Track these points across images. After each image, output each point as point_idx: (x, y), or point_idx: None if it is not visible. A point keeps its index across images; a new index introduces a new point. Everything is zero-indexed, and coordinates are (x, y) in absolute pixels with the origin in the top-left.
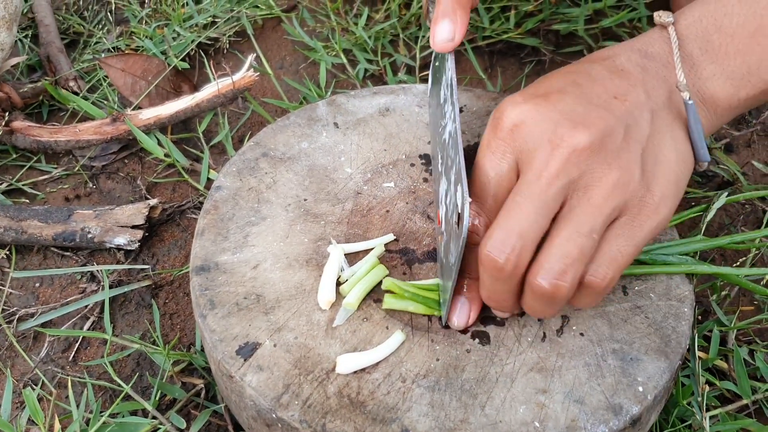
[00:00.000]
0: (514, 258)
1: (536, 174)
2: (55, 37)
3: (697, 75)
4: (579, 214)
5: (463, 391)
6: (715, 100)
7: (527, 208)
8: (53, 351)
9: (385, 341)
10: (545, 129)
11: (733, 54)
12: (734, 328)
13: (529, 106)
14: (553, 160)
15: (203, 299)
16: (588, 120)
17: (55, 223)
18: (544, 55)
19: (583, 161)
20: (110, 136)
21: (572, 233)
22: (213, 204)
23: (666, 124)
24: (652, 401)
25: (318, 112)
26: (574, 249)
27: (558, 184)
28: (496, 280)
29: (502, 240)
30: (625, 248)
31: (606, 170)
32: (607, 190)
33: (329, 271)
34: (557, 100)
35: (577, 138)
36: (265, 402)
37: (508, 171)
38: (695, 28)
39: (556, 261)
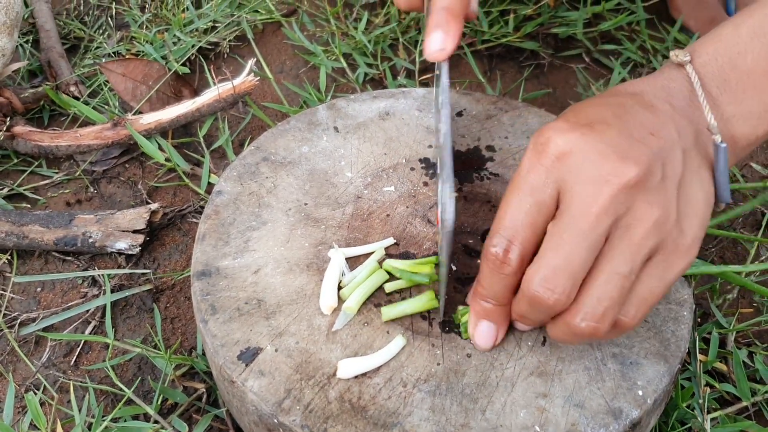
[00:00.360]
0: (564, 299)
1: (584, 209)
2: (56, 42)
3: (719, 115)
4: (620, 253)
5: (464, 396)
6: (735, 140)
7: (578, 246)
8: (55, 355)
9: (386, 346)
10: (594, 161)
11: (750, 93)
12: (733, 331)
13: (576, 135)
14: (602, 195)
15: (204, 304)
16: (633, 155)
17: (57, 228)
18: (543, 58)
19: (630, 198)
20: (111, 140)
21: (613, 275)
22: (214, 209)
23: (695, 164)
24: (651, 405)
25: (318, 117)
26: (615, 291)
27: (606, 221)
28: (539, 313)
29: (552, 280)
30: (656, 288)
31: (647, 208)
32: (647, 229)
33: (330, 276)
34: (602, 131)
35: (626, 173)
36: (266, 407)
37: (549, 200)
38: (711, 67)
39: (597, 303)
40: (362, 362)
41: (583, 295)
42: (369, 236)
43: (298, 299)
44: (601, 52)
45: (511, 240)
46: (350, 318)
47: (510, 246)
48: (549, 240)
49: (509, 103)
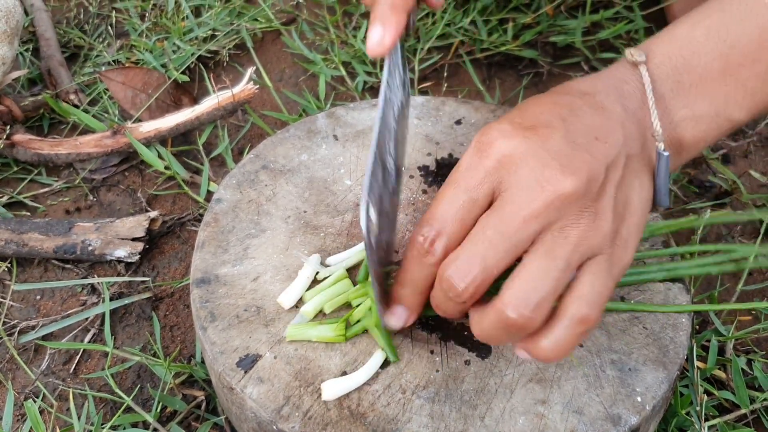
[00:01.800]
0: (472, 289)
1: (514, 211)
2: (56, 51)
3: (669, 119)
4: (555, 248)
5: (463, 402)
6: (682, 144)
7: (497, 244)
8: (54, 363)
9: (367, 363)
10: (534, 167)
11: (702, 96)
12: (732, 338)
13: (519, 140)
14: (536, 202)
15: (204, 311)
16: (574, 164)
17: (56, 236)
18: (542, 66)
19: (563, 207)
20: (111, 148)
21: (548, 267)
22: (213, 216)
23: (637, 169)
24: (650, 411)
25: (317, 125)
26: (550, 283)
27: (534, 226)
28: (449, 300)
29: (465, 269)
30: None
31: (583, 214)
32: (583, 232)
33: (300, 279)
34: (546, 136)
35: (564, 184)
36: (265, 414)
37: (483, 198)
38: (666, 67)
39: (531, 293)
40: (345, 382)
41: (516, 285)
42: None
43: (297, 306)
44: (600, 61)
45: (438, 231)
46: (307, 321)
47: (437, 236)
48: (472, 232)
49: (508, 111)
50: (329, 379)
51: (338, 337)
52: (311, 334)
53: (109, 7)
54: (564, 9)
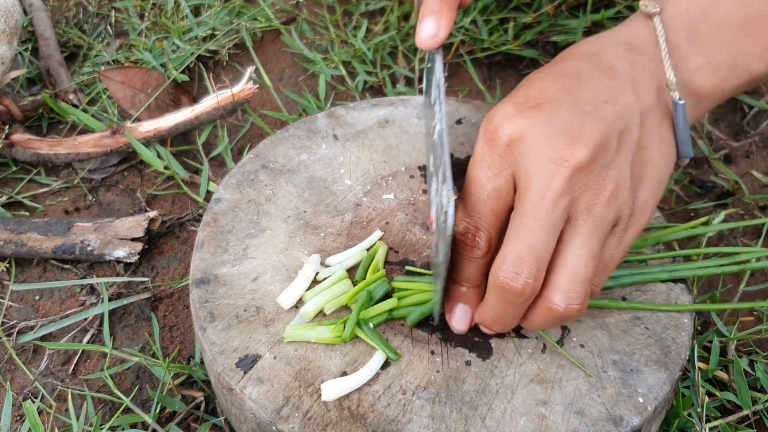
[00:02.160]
0: (532, 282)
1: (540, 194)
2: (55, 51)
3: (685, 67)
4: (588, 235)
5: (464, 403)
6: (700, 92)
7: (538, 231)
8: (53, 364)
9: (367, 362)
10: (544, 146)
11: (720, 45)
12: (734, 339)
13: (524, 120)
14: (556, 179)
15: (203, 312)
16: (584, 134)
17: (55, 236)
18: (542, 65)
19: (583, 177)
20: (110, 148)
21: (587, 257)
22: (212, 216)
23: (654, 124)
24: (652, 412)
25: (317, 124)
26: (591, 271)
27: (562, 204)
28: (510, 304)
29: (518, 265)
30: (615, 254)
31: (602, 184)
32: (605, 205)
33: (300, 279)
34: (551, 111)
35: (577, 155)
36: (265, 414)
37: (506, 186)
38: (682, 18)
39: (577, 286)
40: (345, 383)
41: (561, 279)
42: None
43: (297, 306)
44: None
45: (476, 227)
46: (306, 321)
47: (477, 232)
48: (510, 228)
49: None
50: (329, 379)
51: (337, 338)
52: (310, 336)
53: (108, 6)
54: (565, 8)
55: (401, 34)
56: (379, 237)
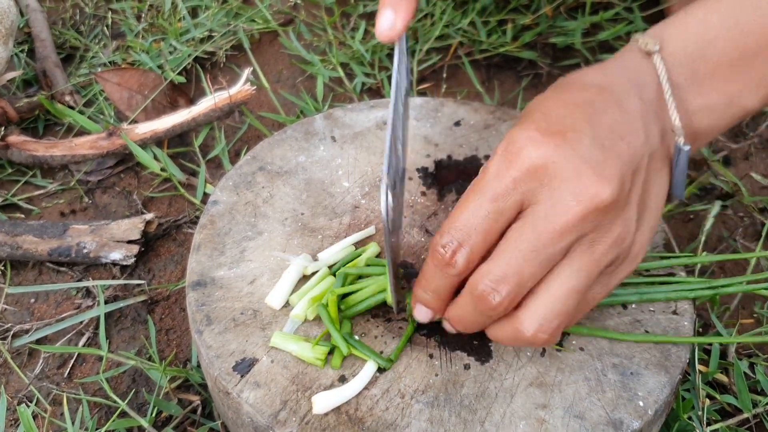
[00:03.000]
0: (507, 303)
1: (549, 223)
2: (51, 52)
3: (684, 108)
4: (581, 269)
5: (463, 407)
6: (697, 133)
7: (532, 258)
8: (48, 367)
9: (359, 374)
10: (567, 178)
11: (717, 85)
12: (734, 341)
13: (550, 148)
14: (571, 214)
15: (200, 315)
16: (607, 171)
17: (51, 239)
18: (541, 68)
19: (599, 217)
20: (106, 150)
21: (572, 291)
22: (209, 218)
23: (658, 167)
24: (652, 416)
25: (315, 126)
26: (572, 307)
27: (569, 238)
28: (480, 314)
29: (500, 282)
30: (599, 294)
31: (611, 226)
32: (609, 246)
33: (286, 279)
34: (576, 141)
35: (600, 196)
36: (262, 419)
37: (510, 209)
38: (680, 56)
39: (553, 318)
40: (336, 395)
41: (538, 307)
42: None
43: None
44: (600, 62)
45: (461, 242)
46: (298, 325)
47: (459, 248)
48: (506, 244)
49: (507, 112)
50: (326, 382)
51: (317, 360)
52: (292, 349)
53: (105, 8)
54: (563, 10)
55: None
56: (372, 233)
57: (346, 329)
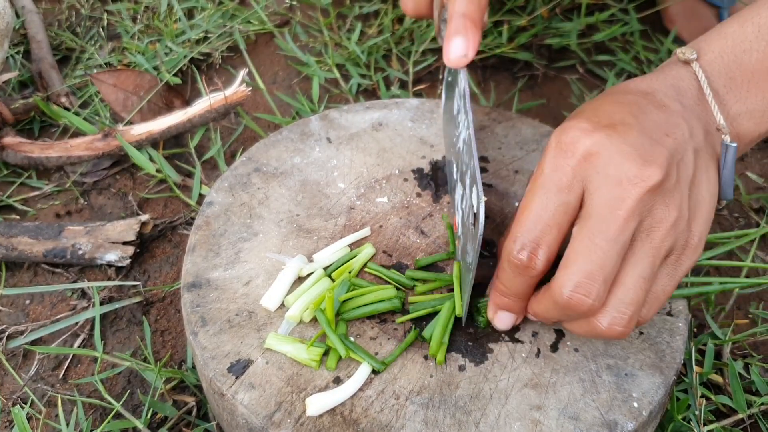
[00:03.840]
0: (598, 303)
1: (612, 211)
2: (47, 53)
3: (726, 113)
4: (644, 257)
5: (457, 408)
6: (739, 137)
7: (609, 252)
8: (43, 369)
9: (353, 376)
10: (619, 163)
11: (755, 91)
12: (729, 342)
13: (602, 136)
14: (629, 198)
15: (195, 316)
16: (655, 157)
17: (46, 240)
18: (537, 69)
19: (652, 200)
20: (102, 151)
21: (639, 279)
22: (205, 220)
23: (705, 163)
24: (647, 417)
25: (311, 127)
26: (640, 295)
27: (633, 224)
28: (567, 316)
29: (587, 285)
30: (668, 287)
31: (665, 210)
32: (666, 231)
33: (281, 280)
34: (625, 132)
35: (651, 177)
36: (257, 420)
37: (575, 200)
38: (717, 65)
39: (625, 308)
40: (330, 397)
41: (611, 299)
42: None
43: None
44: (595, 63)
45: (537, 243)
46: (293, 326)
47: (536, 249)
48: (579, 243)
49: (503, 114)
50: (321, 383)
51: (312, 361)
52: (286, 350)
53: (100, 9)
54: (559, 11)
55: (395, 36)
56: (367, 234)
57: (341, 331)
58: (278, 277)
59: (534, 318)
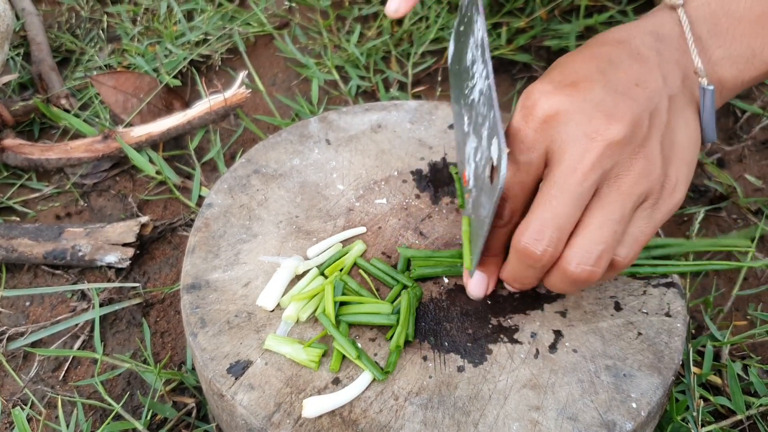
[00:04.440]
0: (551, 249)
1: (571, 167)
2: (47, 55)
3: (707, 57)
4: (610, 202)
5: (456, 409)
6: (722, 83)
7: (564, 201)
8: (43, 370)
9: (354, 382)
10: (580, 121)
11: (740, 38)
12: (728, 343)
13: (561, 97)
14: (589, 153)
15: (194, 317)
16: (618, 112)
17: (46, 242)
18: (536, 71)
19: (616, 153)
20: (101, 153)
21: (605, 220)
22: (204, 221)
23: (680, 108)
24: (645, 417)
25: (310, 129)
26: (609, 235)
27: (593, 177)
28: (529, 267)
29: (540, 232)
30: (646, 229)
31: (633, 160)
32: (635, 178)
33: (277, 279)
34: (587, 89)
35: (612, 131)
36: (256, 421)
37: (537, 160)
38: (704, 10)
39: (591, 247)
40: (328, 400)
41: (577, 242)
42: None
43: None
44: None
45: (502, 197)
46: (291, 326)
47: (502, 203)
48: (538, 197)
49: (502, 115)
50: (320, 384)
51: (311, 362)
52: (285, 351)
53: (100, 11)
54: (558, 13)
55: (394, 39)
56: (362, 231)
57: (344, 332)
58: (274, 275)
59: (509, 285)
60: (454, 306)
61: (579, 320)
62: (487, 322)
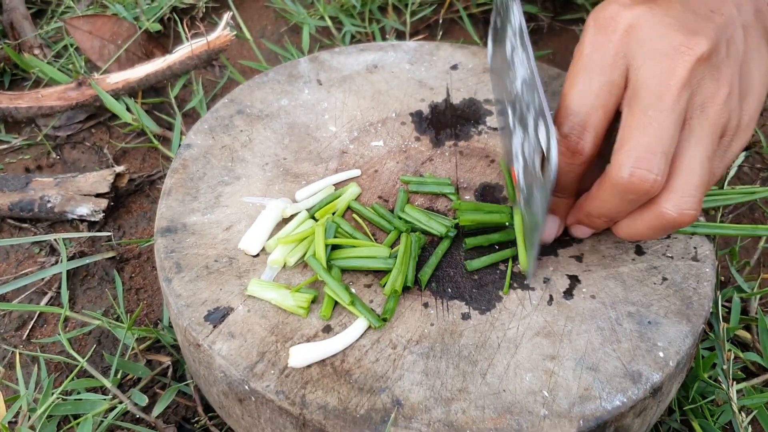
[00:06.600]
0: (661, 178)
1: (664, 83)
2: (20, 3)
3: None
4: (704, 136)
5: (461, 358)
6: None
7: (666, 122)
8: (5, 329)
9: (347, 329)
10: (664, 34)
11: None
12: (756, 295)
13: (642, 9)
14: (680, 68)
15: (169, 262)
16: (701, 29)
17: (11, 192)
18: (542, 20)
19: (702, 72)
20: (75, 101)
21: (704, 158)
22: (182, 162)
23: (755, 41)
24: (674, 368)
25: (300, 69)
26: (707, 176)
27: (685, 95)
28: (629, 203)
29: (647, 160)
30: (718, 170)
31: (716, 85)
32: (720, 107)
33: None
34: (667, 5)
35: (699, 46)
36: (236, 372)
37: (619, 78)
38: None
39: (695, 190)
40: (318, 349)
41: (676, 181)
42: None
43: None
44: None
45: (583, 126)
46: (277, 271)
47: (583, 132)
48: (631, 119)
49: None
50: (309, 332)
51: (299, 308)
52: (270, 296)
53: None
54: None
55: None
56: (357, 174)
57: (336, 277)
58: (258, 218)
59: (579, 230)
60: (457, 250)
61: (597, 265)
62: (495, 267)
